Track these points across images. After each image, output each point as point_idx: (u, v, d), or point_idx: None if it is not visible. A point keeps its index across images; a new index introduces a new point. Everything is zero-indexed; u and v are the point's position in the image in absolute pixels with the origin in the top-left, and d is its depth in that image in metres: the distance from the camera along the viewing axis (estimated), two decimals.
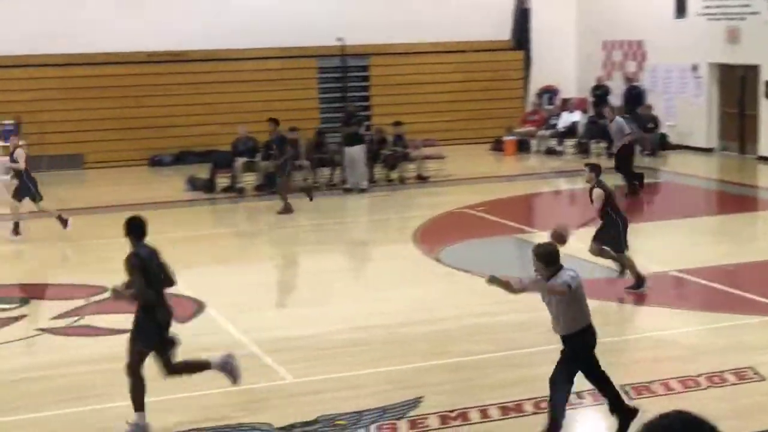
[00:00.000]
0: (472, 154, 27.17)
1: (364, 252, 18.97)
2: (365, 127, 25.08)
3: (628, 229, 14.32)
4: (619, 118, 22.51)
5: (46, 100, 27.06)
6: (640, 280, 13.96)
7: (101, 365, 11.71)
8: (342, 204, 22.82)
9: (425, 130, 26.81)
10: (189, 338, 12.79)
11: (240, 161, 23.28)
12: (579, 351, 8.68)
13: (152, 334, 9.63)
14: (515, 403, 9.99)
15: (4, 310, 14.14)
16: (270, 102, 28.19)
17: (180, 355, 11.99)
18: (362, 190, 22.93)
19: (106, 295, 14.59)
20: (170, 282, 10.26)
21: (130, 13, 26.94)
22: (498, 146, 28.72)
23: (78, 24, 26.38)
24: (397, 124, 24.68)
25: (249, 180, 23.84)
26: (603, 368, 8.94)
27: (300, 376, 11.19)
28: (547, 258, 8.60)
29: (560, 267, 8.61)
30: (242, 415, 10.05)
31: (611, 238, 14.12)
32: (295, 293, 15.07)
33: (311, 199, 20.87)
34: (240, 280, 15.08)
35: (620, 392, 9.18)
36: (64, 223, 18.85)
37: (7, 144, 25.33)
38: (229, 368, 9.88)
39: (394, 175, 24.44)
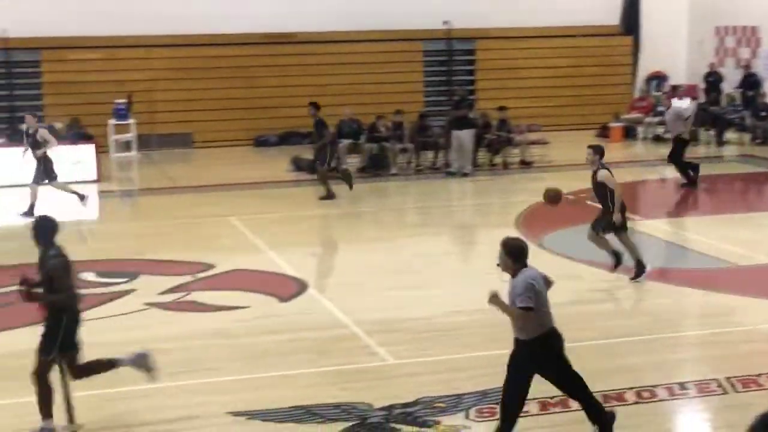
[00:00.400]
0: (576, 140, 26.74)
1: (466, 236, 18.91)
2: (473, 111, 24.92)
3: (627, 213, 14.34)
4: (676, 104, 22.14)
5: (158, 80, 27.57)
6: (641, 267, 13.80)
7: (206, 340, 11.95)
8: (445, 187, 22.79)
9: (530, 115, 26.59)
10: (290, 317, 13.02)
11: (344, 143, 23.39)
12: (537, 356, 8.16)
13: (62, 338, 9.07)
14: (616, 392, 9.85)
15: (113, 284, 14.47)
16: (375, 84, 28.34)
17: (283, 332, 12.20)
18: (465, 174, 22.86)
19: (210, 272, 14.93)
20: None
21: None
22: (604, 132, 28.31)
23: (192, 5, 26.77)
24: (502, 108, 24.57)
25: (353, 161, 23.96)
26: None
27: (400, 357, 11.19)
28: (517, 253, 8.17)
29: (525, 265, 8.19)
30: (342, 395, 10.09)
31: (609, 224, 13.91)
32: (397, 276, 15.05)
33: (351, 187, 20.74)
34: (342, 261, 15.21)
35: (598, 399, 8.75)
36: (81, 198, 19.34)
37: (122, 123, 26.06)
38: (143, 363, 9.39)
39: (498, 159, 24.34)
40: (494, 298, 8.08)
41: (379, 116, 24.27)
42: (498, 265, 8.20)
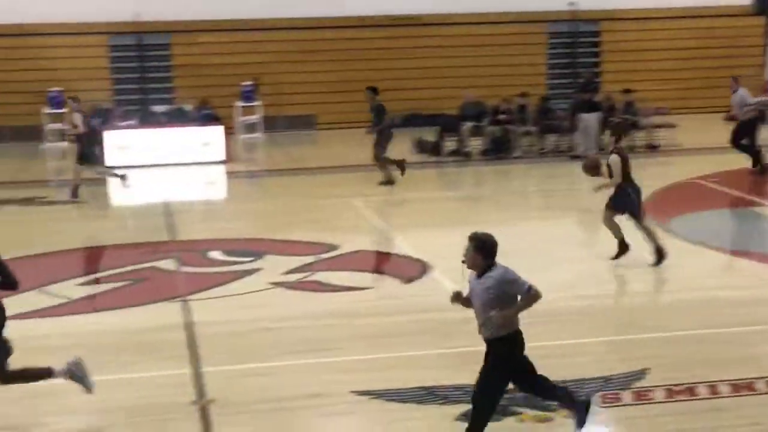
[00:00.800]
0: (704, 123, 26.27)
1: (589, 220, 18.62)
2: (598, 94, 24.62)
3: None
4: (742, 90, 21.42)
5: (283, 63, 27.89)
6: (660, 254, 13.44)
7: (330, 320, 12.03)
8: (569, 171, 22.50)
9: (656, 98, 26.09)
10: (413, 299, 13.04)
11: (467, 125, 23.33)
12: (505, 358, 7.84)
13: None
14: (746, 381, 9.62)
15: (240, 263, 14.72)
16: (498, 67, 28.18)
17: (406, 314, 12.23)
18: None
19: (334, 253, 15.06)
20: (13, 285, 8.74)
21: None
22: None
23: None
24: (627, 91, 24.18)
25: (475, 144, 23.88)
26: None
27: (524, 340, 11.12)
28: (488, 250, 7.81)
29: (494, 263, 7.83)
30: (465, 377, 10.03)
31: (626, 206, 13.71)
32: (519, 258, 14.74)
33: (403, 173, 20.53)
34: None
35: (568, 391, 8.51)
36: (123, 178, 19.65)
37: (248, 105, 26.48)
38: (76, 374, 8.83)
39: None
40: (457, 298, 7.88)
41: (502, 99, 24.11)
42: (463, 261, 7.89)
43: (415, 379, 9.96)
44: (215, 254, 15.24)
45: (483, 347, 10.37)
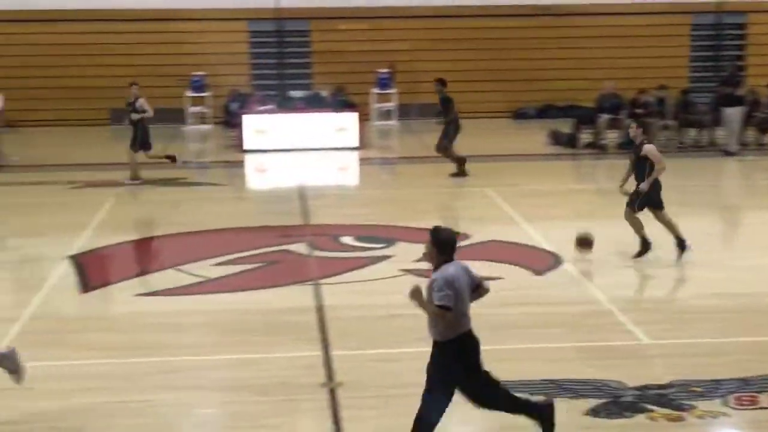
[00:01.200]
0: None
1: (729, 217, 18.16)
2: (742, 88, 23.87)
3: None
4: None
5: (419, 51, 27.92)
6: (682, 245, 13.45)
7: None
8: (709, 166, 21.99)
9: None
10: (543, 291, 12.91)
11: (604, 118, 22.96)
12: (454, 361, 7.32)
13: None
14: None
15: (371, 249, 14.83)
16: (639, 59, 27.64)
17: (536, 305, 12.11)
18: (730, 153, 21.96)
19: (465, 242, 14.97)
20: None
21: None
22: None
23: None
24: None
25: (612, 137, 23.50)
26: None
27: (656, 338, 10.90)
28: (444, 246, 7.47)
29: (451, 259, 7.46)
30: (593, 371, 9.93)
31: (651, 199, 13.66)
32: (655, 254, 14.65)
33: (462, 171, 20.10)
34: (598, 238, 14.88)
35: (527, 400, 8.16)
36: (172, 159, 19.87)
37: (384, 92, 26.60)
38: (8, 363, 8.26)
39: (767, 139, 23.28)
40: (415, 293, 7.37)
41: (640, 91, 23.64)
42: (423, 254, 7.68)
43: (542, 371, 9.86)
44: (347, 239, 15.36)
45: (611, 342, 10.25)
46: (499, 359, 10.26)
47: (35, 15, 27.30)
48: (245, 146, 23.55)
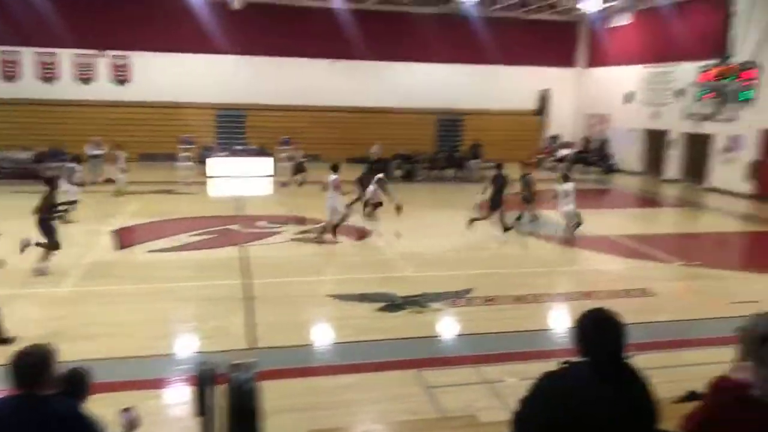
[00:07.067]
0: None
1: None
2: None
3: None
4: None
5: (306, 126, 27.34)
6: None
7: (319, 257, 11.76)
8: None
9: None
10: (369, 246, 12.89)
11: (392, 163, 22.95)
12: None
13: None
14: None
15: (274, 227, 14.29)
16: (407, 137, 28.01)
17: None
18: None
19: (309, 225, 14.62)
20: None
21: None
22: None
23: None
24: None
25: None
26: None
27: (415, 272, 10.97)
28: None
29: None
30: (377, 287, 9.77)
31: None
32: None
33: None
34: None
35: None
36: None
37: (285, 147, 25.83)
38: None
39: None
40: None
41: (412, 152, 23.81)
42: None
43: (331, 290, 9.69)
44: (262, 222, 15.03)
45: (397, 273, 9.89)
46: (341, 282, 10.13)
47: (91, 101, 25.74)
48: (209, 174, 22.78)
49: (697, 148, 23.34)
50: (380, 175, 14.39)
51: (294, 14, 26.67)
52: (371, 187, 14.16)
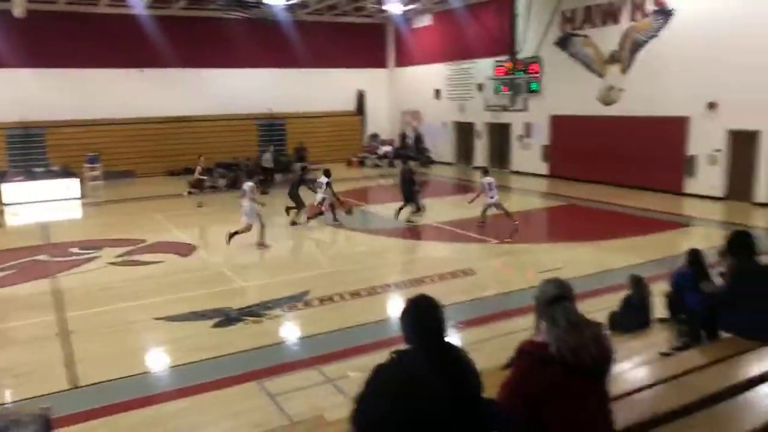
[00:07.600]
0: None
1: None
2: None
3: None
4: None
5: (115, 141, 25.73)
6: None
7: (143, 280, 11.20)
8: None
9: None
10: (188, 264, 12.28)
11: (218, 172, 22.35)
12: None
13: None
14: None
15: (89, 252, 13.34)
16: (227, 143, 27.26)
17: (182, 273, 11.50)
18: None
19: (143, 244, 13.91)
20: None
21: None
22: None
23: None
24: None
25: (220, 183, 22.59)
26: None
27: (245, 281, 10.83)
28: None
29: None
30: (213, 304, 9.54)
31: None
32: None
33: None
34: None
35: None
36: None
37: (93, 165, 23.76)
38: None
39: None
40: None
41: (233, 159, 23.40)
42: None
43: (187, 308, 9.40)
44: (74, 249, 13.78)
45: (224, 287, 9.74)
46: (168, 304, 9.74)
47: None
48: (5, 201, 20.27)
49: (499, 136, 25.78)
50: (329, 179, 14.50)
51: (95, 22, 24.66)
52: (320, 195, 14.43)
